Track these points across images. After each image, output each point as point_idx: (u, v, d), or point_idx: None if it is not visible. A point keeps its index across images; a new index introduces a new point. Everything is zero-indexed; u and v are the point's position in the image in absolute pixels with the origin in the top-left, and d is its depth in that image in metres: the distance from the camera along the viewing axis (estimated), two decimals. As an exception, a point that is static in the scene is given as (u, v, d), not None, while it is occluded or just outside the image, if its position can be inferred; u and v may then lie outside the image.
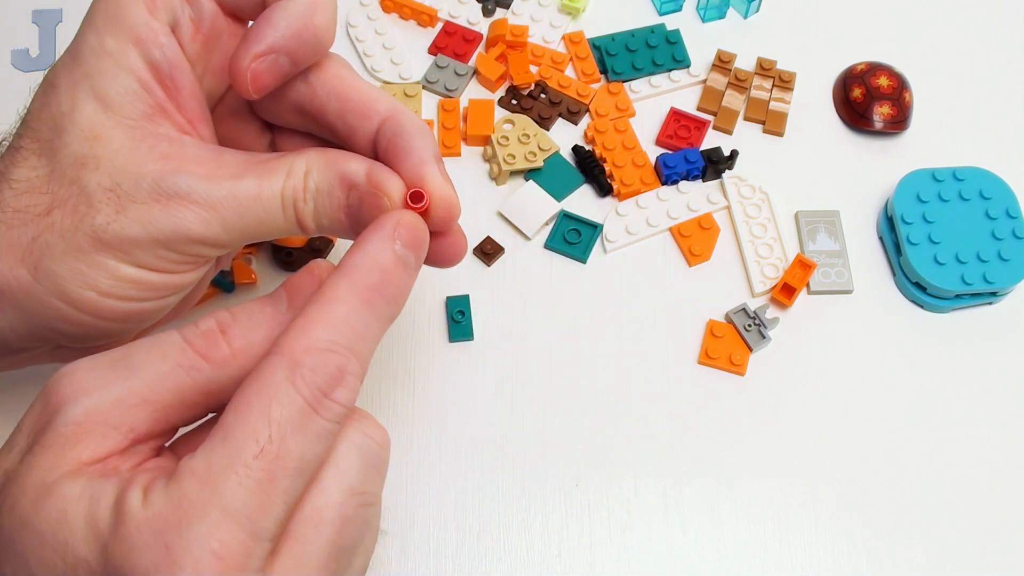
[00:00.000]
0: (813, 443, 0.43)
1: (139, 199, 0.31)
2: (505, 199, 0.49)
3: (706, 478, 0.43)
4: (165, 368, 0.27)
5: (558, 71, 0.53)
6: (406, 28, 0.55)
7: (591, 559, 0.41)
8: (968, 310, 0.47)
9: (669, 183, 0.49)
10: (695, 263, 0.48)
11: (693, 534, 0.41)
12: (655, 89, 0.52)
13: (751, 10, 0.55)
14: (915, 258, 0.46)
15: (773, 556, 0.41)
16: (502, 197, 0.49)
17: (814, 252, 0.48)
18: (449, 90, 0.52)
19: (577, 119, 0.51)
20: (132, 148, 0.31)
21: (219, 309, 0.29)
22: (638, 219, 0.48)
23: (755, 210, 0.49)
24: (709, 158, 0.49)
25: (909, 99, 0.52)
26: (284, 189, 0.32)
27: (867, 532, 0.42)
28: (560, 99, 0.52)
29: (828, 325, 0.46)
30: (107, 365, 0.27)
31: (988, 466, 0.43)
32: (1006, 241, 0.46)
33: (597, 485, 0.42)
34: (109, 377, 0.27)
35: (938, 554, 0.41)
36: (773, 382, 0.45)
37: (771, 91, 0.52)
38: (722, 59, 0.53)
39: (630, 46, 0.53)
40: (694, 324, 0.46)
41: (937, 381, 0.45)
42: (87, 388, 0.27)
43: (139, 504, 0.25)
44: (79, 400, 0.27)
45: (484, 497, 0.42)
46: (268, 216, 0.32)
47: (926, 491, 0.43)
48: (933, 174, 0.48)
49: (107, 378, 0.27)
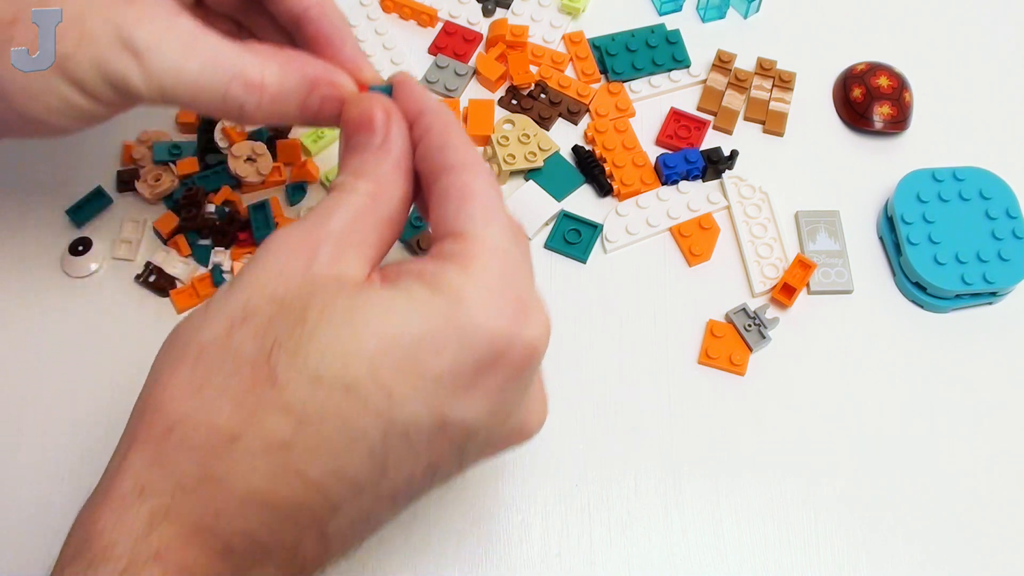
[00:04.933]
0: (813, 443, 0.43)
1: (99, 41, 0.32)
2: (505, 199, 0.48)
3: (706, 478, 0.43)
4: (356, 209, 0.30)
5: (558, 71, 0.53)
6: (406, 28, 0.55)
7: (591, 559, 0.41)
8: (968, 310, 0.47)
9: (669, 183, 0.49)
10: (695, 263, 0.48)
11: (693, 534, 0.41)
12: (655, 89, 0.52)
13: (751, 10, 0.55)
14: (915, 258, 0.46)
15: (773, 556, 0.41)
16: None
17: (814, 252, 0.48)
18: (449, 90, 0.52)
19: (577, 119, 0.51)
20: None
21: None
22: (638, 219, 0.48)
23: (755, 210, 0.49)
24: (709, 158, 0.49)
25: (909, 99, 0.52)
26: (230, 88, 0.33)
27: (867, 532, 0.42)
28: (560, 99, 0.52)
29: (828, 325, 0.46)
30: (314, 223, 0.29)
31: (988, 466, 0.43)
32: (1006, 241, 0.46)
33: (597, 485, 0.42)
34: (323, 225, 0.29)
35: (938, 554, 0.41)
36: (773, 382, 0.45)
37: (771, 91, 0.52)
38: (722, 59, 0.53)
39: (630, 46, 0.53)
40: (694, 324, 0.46)
41: (937, 381, 0.45)
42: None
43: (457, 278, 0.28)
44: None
45: (484, 497, 0.42)
46: (206, 100, 0.34)
47: (926, 491, 0.43)
48: (933, 174, 0.48)
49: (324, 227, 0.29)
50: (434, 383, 0.27)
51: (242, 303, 0.28)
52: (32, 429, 0.43)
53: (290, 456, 0.26)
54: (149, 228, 0.48)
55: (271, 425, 0.26)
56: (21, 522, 0.41)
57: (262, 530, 0.27)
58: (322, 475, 0.26)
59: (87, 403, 0.43)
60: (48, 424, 0.43)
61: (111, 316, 0.45)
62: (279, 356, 0.26)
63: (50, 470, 0.42)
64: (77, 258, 0.46)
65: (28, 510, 0.41)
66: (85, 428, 0.43)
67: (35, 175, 0.49)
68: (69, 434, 0.42)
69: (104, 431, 0.42)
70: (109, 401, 0.43)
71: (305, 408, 0.26)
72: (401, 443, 0.27)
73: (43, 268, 0.47)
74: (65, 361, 0.44)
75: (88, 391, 0.43)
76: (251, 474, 0.26)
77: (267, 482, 0.26)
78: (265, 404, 0.26)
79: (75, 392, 0.43)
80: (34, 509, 0.41)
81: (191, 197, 0.47)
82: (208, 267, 0.47)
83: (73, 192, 0.48)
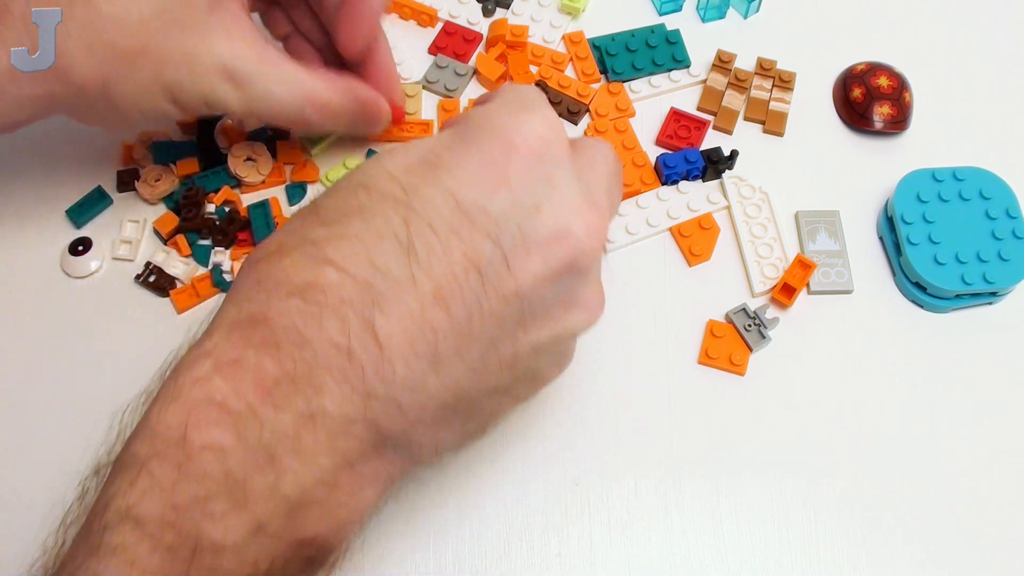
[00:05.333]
0: (813, 443, 0.43)
1: (208, 74, 0.39)
2: None
3: (706, 478, 0.43)
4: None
5: (558, 71, 0.53)
6: (406, 28, 0.55)
7: (591, 559, 0.41)
8: (968, 310, 0.47)
9: (669, 183, 0.49)
10: (695, 263, 0.48)
11: (693, 534, 0.41)
12: (655, 89, 0.52)
13: (751, 10, 0.55)
14: (915, 258, 0.46)
15: (773, 556, 0.41)
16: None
17: (814, 252, 0.48)
18: (449, 90, 0.52)
19: (577, 119, 0.51)
20: (207, 18, 0.39)
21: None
22: (638, 219, 0.48)
23: (755, 210, 0.49)
24: (709, 158, 0.49)
25: (909, 99, 0.52)
26: (304, 108, 0.42)
27: (867, 532, 0.42)
28: (560, 99, 0.51)
29: (828, 325, 0.46)
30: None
31: (988, 466, 0.43)
32: (1006, 241, 0.46)
33: (597, 485, 0.42)
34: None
35: (938, 554, 0.41)
36: (773, 382, 0.45)
37: (771, 91, 0.52)
38: (722, 59, 0.53)
39: (630, 46, 0.53)
40: (694, 324, 0.46)
41: (937, 381, 0.45)
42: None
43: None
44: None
45: (484, 496, 0.42)
46: (284, 115, 0.42)
47: (926, 491, 0.43)
48: (933, 174, 0.48)
49: None
50: (443, 172, 0.29)
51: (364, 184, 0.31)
52: (32, 429, 0.43)
53: (323, 250, 0.28)
54: (149, 228, 0.48)
55: (308, 231, 0.29)
56: (21, 521, 0.41)
57: (305, 320, 0.28)
58: (355, 264, 0.28)
59: (87, 403, 0.43)
60: (48, 424, 0.43)
61: (111, 316, 0.45)
62: (326, 188, 0.32)
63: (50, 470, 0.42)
64: (77, 258, 0.46)
65: (28, 510, 0.41)
66: (85, 428, 0.43)
67: (35, 175, 0.49)
68: (69, 434, 0.42)
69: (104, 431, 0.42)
70: (109, 401, 0.43)
71: (333, 212, 0.30)
72: (424, 229, 0.29)
73: (43, 268, 0.47)
74: (65, 361, 0.44)
75: (88, 391, 0.43)
76: (292, 270, 0.28)
77: (306, 274, 0.28)
78: (309, 222, 0.30)
79: (75, 392, 0.43)
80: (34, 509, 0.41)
81: (191, 197, 0.47)
82: (208, 267, 0.47)
83: (73, 192, 0.48)
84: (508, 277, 0.29)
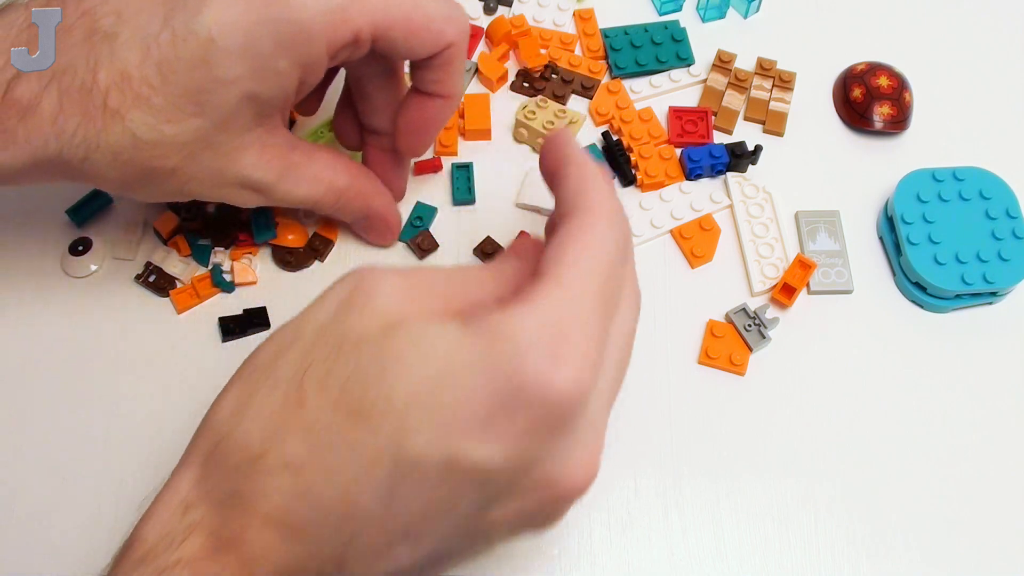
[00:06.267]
0: (813, 443, 0.43)
1: (228, 185, 0.40)
2: (523, 177, 0.49)
3: (706, 478, 0.43)
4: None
5: (568, 51, 0.53)
6: (406, 28, 0.55)
7: (591, 559, 0.41)
8: (968, 310, 0.47)
9: (692, 177, 0.49)
10: (697, 264, 0.48)
11: (693, 534, 0.41)
12: (655, 89, 0.52)
13: (751, 10, 0.55)
14: (915, 258, 0.46)
15: (773, 556, 0.41)
16: (513, 194, 0.49)
17: (814, 252, 0.48)
18: (449, 89, 0.52)
19: (591, 93, 0.52)
20: (244, 136, 0.39)
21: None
22: (641, 220, 0.48)
23: (758, 210, 0.49)
24: (733, 152, 0.49)
25: (909, 99, 0.52)
26: (321, 198, 0.43)
27: (867, 532, 0.42)
28: (572, 77, 0.52)
29: (828, 325, 0.46)
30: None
31: (988, 466, 0.43)
32: (1006, 241, 0.46)
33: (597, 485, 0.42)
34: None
35: (938, 554, 0.41)
36: (773, 382, 0.45)
37: (771, 91, 0.52)
38: (722, 59, 0.53)
39: (635, 42, 0.53)
40: (694, 324, 0.46)
41: (937, 381, 0.45)
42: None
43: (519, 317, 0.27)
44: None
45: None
46: (301, 203, 0.43)
47: (926, 491, 0.43)
48: (933, 174, 0.48)
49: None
50: (446, 417, 0.26)
51: (294, 328, 0.29)
52: (32, 429, 0.43)
53: (305, 478, 0.26)
54: (149, 228, 0.48)
55: (291, 446, 0.26)
56: (20, 521, 0.41)
57: (282, 555, 0.27)
58: (334, 500, 0.26)
59: (87, 403, 0.43)
60: (48, 424, 0.43)
61: (111, 316, 0.45)
62: (311, 379, 0.27)
63: (50, 470, 0.42)
64: (77, 258, 0.46)
65: (28, 510, 0.41)
66: (85, 428, 0.43)
67: (35, 175, 0.49)
68: (69, 434, 0.42)
69: (103, 431, 0.43)
70: (109, 401, 0.43)
71: (322, 431, 0.26)
72: (411, 475, 0.26)
73: (43, 268, 0.47)
74: (65, 361, 0.44)
75: (88, 391, 0.43)
76: (271, 494, 0.26)
77: (284, 502, 0.26)
78: (290, 424, 0.27)
79: (75, 392, 0.43)
80: (34, 509, 0.41)
81: (191, 197, 0.47)
82: (208, 267, 0.47)
83: (73, 192, 0.48)
84: (486, 522, 0.29)
